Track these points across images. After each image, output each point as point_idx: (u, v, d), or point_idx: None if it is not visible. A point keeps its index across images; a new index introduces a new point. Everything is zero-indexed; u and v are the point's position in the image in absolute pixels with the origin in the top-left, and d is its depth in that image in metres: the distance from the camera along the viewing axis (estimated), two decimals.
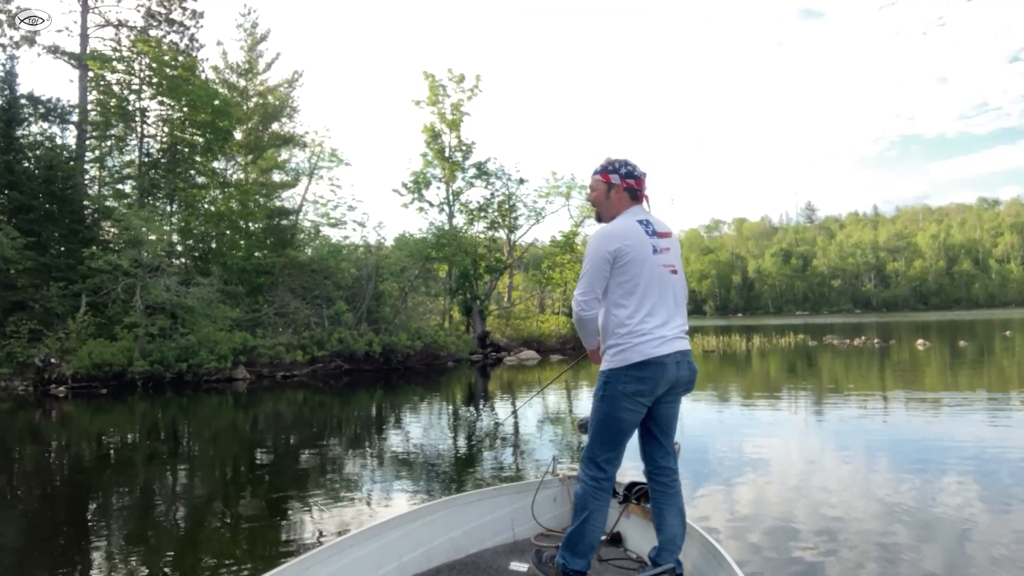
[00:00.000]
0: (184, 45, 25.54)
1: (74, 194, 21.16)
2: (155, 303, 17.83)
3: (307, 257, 22.91)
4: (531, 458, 7.92)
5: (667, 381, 2.94)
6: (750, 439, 8.56)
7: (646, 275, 2.95)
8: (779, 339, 30.90)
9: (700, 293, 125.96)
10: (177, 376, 17.77)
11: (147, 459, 8.75)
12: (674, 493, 3.11)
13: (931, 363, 18.67)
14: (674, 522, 3.07)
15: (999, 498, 5.62)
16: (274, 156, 28.19)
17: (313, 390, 17.01)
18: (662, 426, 3.10)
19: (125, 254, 17.77)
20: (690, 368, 3.03)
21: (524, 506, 3.76)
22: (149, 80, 22.33)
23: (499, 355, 26.68)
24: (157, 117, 23.28)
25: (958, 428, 8.87)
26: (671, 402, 3.07)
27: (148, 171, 23.23)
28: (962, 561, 4.28)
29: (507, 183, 30.96)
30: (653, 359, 2.89)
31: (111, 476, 7.83)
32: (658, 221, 3.11)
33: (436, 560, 3.37)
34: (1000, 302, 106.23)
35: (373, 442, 9.60)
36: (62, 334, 17.71)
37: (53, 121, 23.51)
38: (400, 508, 5.22)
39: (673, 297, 3.04)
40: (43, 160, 20.90)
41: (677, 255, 3.13)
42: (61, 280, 18.93)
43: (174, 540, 5.33)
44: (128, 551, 5.03)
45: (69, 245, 20.14)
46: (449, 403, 14.49)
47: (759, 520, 5.22)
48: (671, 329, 2.98)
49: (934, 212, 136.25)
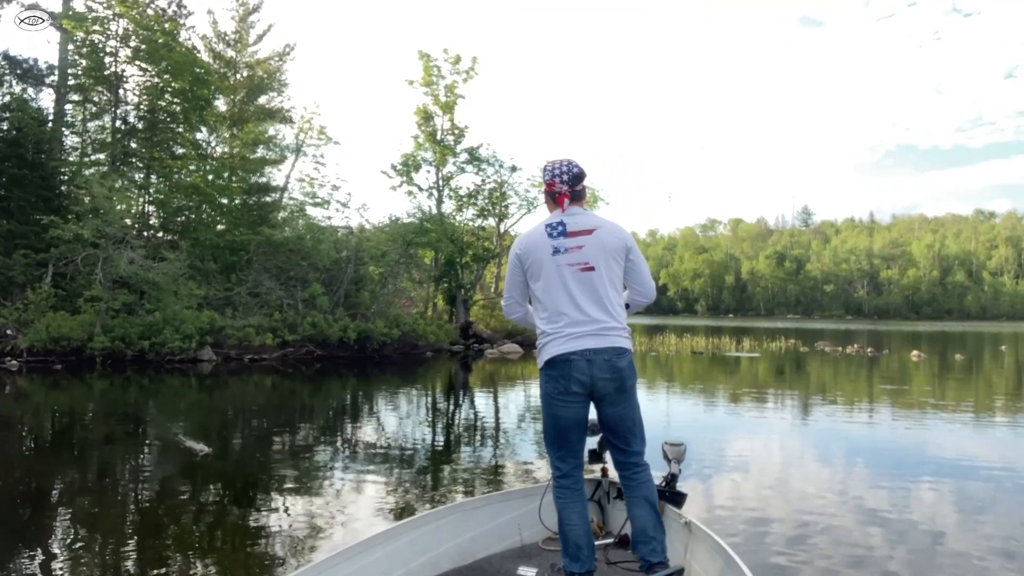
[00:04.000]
0: (172, 12, 24.62)
1: (46, 159, 20.30)
2: (119, 277, 17.02)
3: (283, 236, 22.03)
4: (512, 459, 7.72)
5: (579, 380, 2.91)
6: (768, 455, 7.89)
7: (546, 277, 2.98)
8: (770, 343, 30.27)
9: (693, 292, 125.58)
10: (139, 354, 16.97)
11: (103, 440, 8.62)
12: (637, 485, 3.05)
13: (930, 375, 18.04)
14: (640, 513, 3.02)
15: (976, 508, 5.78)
16: (255, 129, 27.24)
17: (282, 375, 16.39)
18: (609, 427, 3.06)
19: (88, 224, 16.91)
20: (610, 367, 2.91)
21: (531, 510, 3.70)
22: (126, 42, 21.39)
23: (481, 347, 25.98)
24: (135, 83, 22.35)
25: (976, 445, 8.26)
26: (611, 404, 2.98)
27: (123, 139, 22.32)
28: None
29: (499, 170, 30.24)
30: (558, 357, 2.93)
31: (64, 456, 7.60)
32: (580, 220, 3.02)
33: (443, 566, 3.33)
34: (992, 315, 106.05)
35: (344, 432, 9.54)
36: (20, 304, 16.88)
37: (29, 83, 22.64)
38: (373, 505, 5.53)
39: (591, 295, 2.95)
40: (12, 122, 20.00)
41: (597, 251, 2.97)
42: (25, 248, 18.07)
43: (128, 527, 5.20)
44: (79, 538, 4.87)
45: (37, 212, 19.28)
46: (427, 396, 14.03)
47: (737, 520, 5.33)
48: (582, 327, 2.92)
49: (930, 222, 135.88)
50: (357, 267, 23.10)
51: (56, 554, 4.52)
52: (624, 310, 3.06)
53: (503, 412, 11.78)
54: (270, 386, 14.89)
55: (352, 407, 12.40)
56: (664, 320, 73.29)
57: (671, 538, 3.40)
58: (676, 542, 3.36)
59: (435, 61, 29.26)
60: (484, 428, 10.06)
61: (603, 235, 2.99)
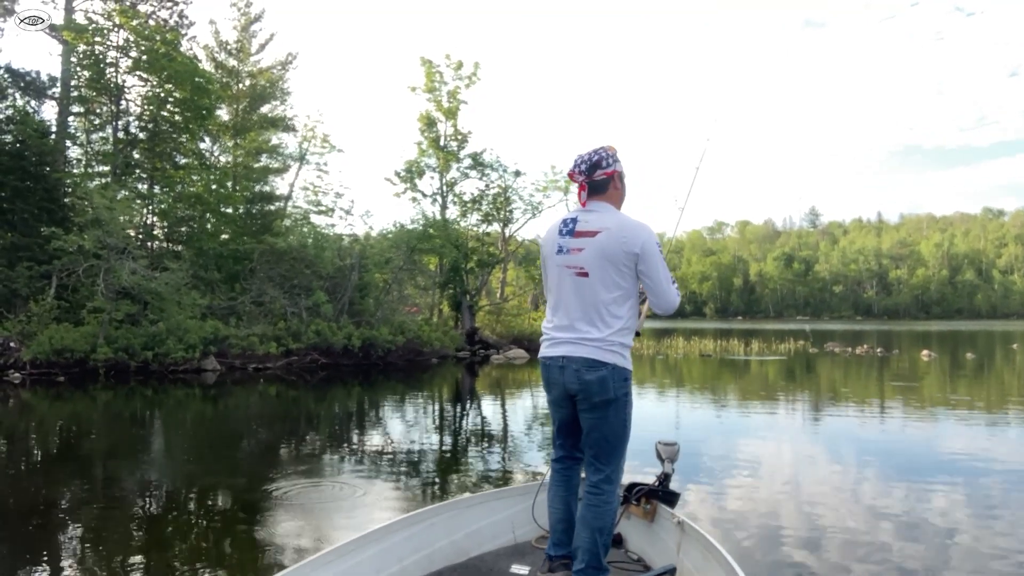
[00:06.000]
0: (173, 21, 24.64)
1: (49, 172, 20.27)
2: (121, 287, 16.94)
3: (286, 244, 21.95)
4: (519, 465, 7.66)
5: (555, 385, 2.93)
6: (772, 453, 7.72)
7: (548, 275, 2.99)
8: (779, 344, 30.01)
9: (701, 295, 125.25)
10: (142, 365, 16.86)
11: (108, 452, 8.56)
12: (586, 507, 2.89)
13: (941, 375, 17.78)
14: (580, 534, 2.89)
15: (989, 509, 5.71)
16: (258, 137, 27.22)
17: (287, 384, 16.28)
18: (583, 434, 2.96)
19: (90, 235, 16.85)
20: (577, 378, 2.81)
21: (525, 508, 3.68)
22: (126, 53, 21.38)
23: (487, 352, 25.83)
24: (137, 94, 22.34)
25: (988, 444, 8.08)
26: (583, 411, 2.89)
27: (126, 149, 22.29)
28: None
29: (503, 175, 30.08)
30: (541, 359, 2.99)
31: (70, 469, 7.47)
32: (592, 219, 2.86)
33: (437, 563, 3.34)
34: (1002, 313, 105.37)
35: (350, 440, 9.38)
36: (23, 317, 16.82)
37: (32, 95, 22.66)
38: (380, 514, 5.44)
39: (578, 301, 2.85)
40: (16, 135, 20.00)
41: (593, 257, 2.81)
42: (28, 260, 18.02)
43: (134, 540, 5.14)
44: (84, 550, 4.84)
45: (40, 225, 19.24)
46: (433, 402, 13.92)
47: (747, 521, 5.30)
48: (564, 332, 2.89)
49: (938, 221, 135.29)
50: (361, 274, 22.99)
51: (62, 567, 4.47)
52: (620, 321, 2.84)
53: (510, 417, 11.66)
54: (275, 395, 14.78)
55: (357, 415, 12.28)
56: (672, 323, 72.98)
57: (664, 537, 3.42)
58: (668, 541, 3.37)
59: (437, 67, 29.18)
60: (490, 434, 9.95)
61: (605, 239, 2.80)
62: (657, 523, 3.52)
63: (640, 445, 3.49)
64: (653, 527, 3.52)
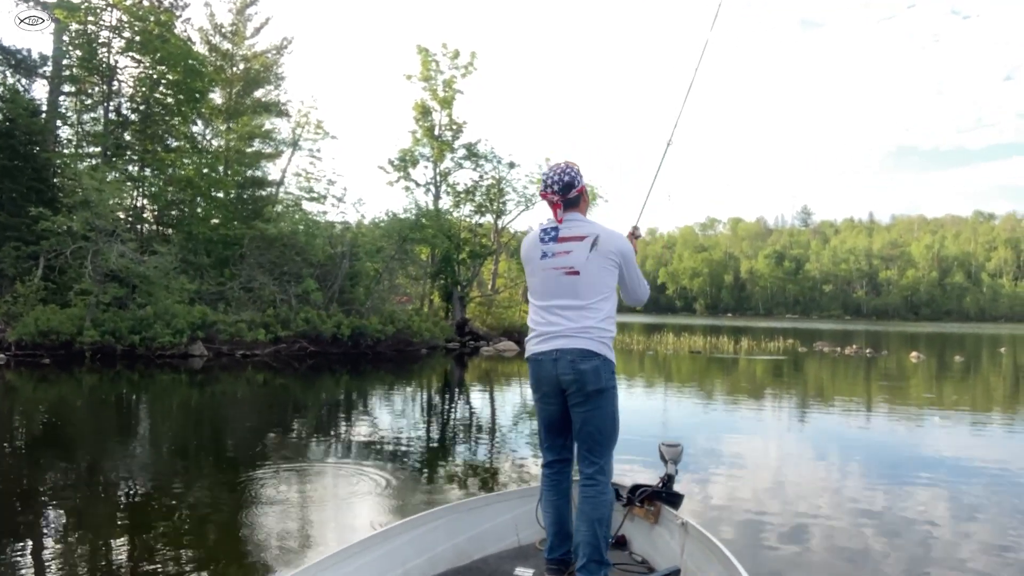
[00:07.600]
0: (168, 3, 24.36)
1: (39, 151, 20.03)
2: (109, 270, 16.79)
3: (276, 230, 21.80)
4: (508, 458, 7.68)
5: (548, 379, 3.03)
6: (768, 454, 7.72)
7: (534, 279, 3.14)
8: (768, 342, 30.08)
9: (691, 291, 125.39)
10: (129, 349, 16.75)
11: (93, 436, 8.56)
12: (583, 499, 3.01)
13: (929, 377, 17.86)
14: (580, 528, 2.99)
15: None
16: (251, 122, 26.99)
17: (274, 371, 16.23)
18: (574, 429, 3.08)
19: (79, 216, 16.68)
20: (572, 368, 2.95)
21: (528, 511, 3.66)
22: (119, 33, 21.13)
23: (477, 344, 25.77)
24: (129, 74, 22.09)
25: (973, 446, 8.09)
26: (575, 406, 3.02)
27: (117, 131, 22.06)
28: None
29: (497, 167, 29.91)
30: (531, 356, 3.10)
31: (53, 452, 7.41)
32: (574, 227, 3.07)
33: (440, 566, 3.33)
34: (990, 316, 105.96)
35: (337, 430, 9.39)
36: (9, 297, 16.65)
37: (22, 73, 22.38)
38: (365, 502, 5.52)
39: (569, 298, 3.02)
40: (5, 113, 19.75)
41: (583, 256, 3.01)
42: (16, 241, 17.83)
43: (117, 523, 5.12)
44: (68, 534, 4.81)
45: (28, 205, 19.02)
46: (421, 393, 13.91)
47: (739, 517, 5.36)
48: (556, 327, 3.01)
49: (929, 223, 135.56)
50: (352, 263, 22.88)
51: (46, 549, 4.45)
52: (607, 317, 3.07)
53: (498, 410, 11.65)
54: (262, 382, 14.72)
55: (345, 404, 12.25)
56: (662, 319, 73.14)
57: (668, 539, 3.41)
58: (672, 543, 3.35)
59: (433, 56, 28.95)
60: (479, 426, 9.93)
61: (595, 242, 3.04)
62: (661, 525, 3.52)
63: (639, 439, 3.69)
64: (657, 529, 3.52)
